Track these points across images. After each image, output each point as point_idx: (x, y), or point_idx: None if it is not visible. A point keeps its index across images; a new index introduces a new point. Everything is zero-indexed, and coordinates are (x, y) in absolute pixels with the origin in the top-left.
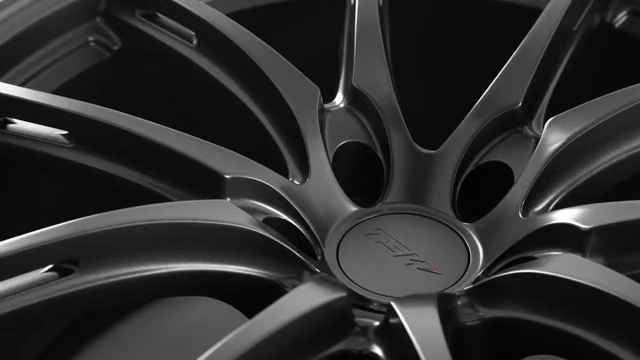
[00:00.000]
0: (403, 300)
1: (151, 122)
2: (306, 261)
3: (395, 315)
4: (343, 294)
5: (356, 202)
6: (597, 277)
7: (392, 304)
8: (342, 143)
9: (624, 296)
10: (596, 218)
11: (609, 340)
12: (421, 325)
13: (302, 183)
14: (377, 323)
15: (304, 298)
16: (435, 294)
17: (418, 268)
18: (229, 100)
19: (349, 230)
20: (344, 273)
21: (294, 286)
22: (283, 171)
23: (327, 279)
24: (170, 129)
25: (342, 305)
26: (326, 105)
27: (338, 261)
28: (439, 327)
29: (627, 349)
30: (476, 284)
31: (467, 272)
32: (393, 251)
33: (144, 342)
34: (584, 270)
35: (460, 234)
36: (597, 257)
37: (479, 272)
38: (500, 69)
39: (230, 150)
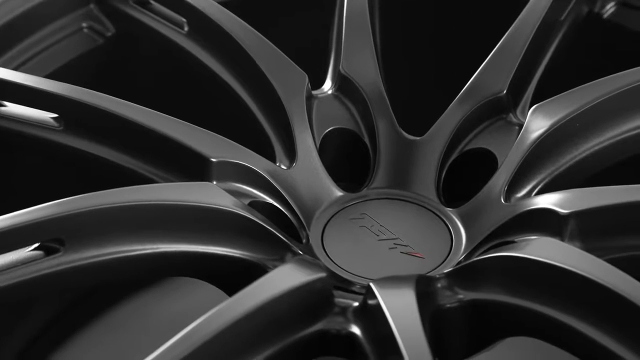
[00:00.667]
0: (381, 281)
1: (139, 105)
2: (289, 243)
3: (374, 296)
4: (323, 274)
5: (343, 188)
6: (572, 260)
7: (371, 284)
8: (329, 129)
9: (598, 278)
10: (574, 203)
11: (583, 322)
12: (398, 307)
13: (288, 168)
14: (356, 304)
15: (284, 278)
16: (414, 276)
17: (401, 252)
18: (219, 86)
19: (334, 215)
20: (328, 256)
21: (275, 267)
22: (271, 156)
23: (308, 260)
24: (158, 112)
25: (321, 286)
26: (314, 92)
27: (322, 244)
28: (415, 309)
29: (600, 329)
30: (456, 267)
31: (450, 256)
32: (377, 235)
33: (139, 327)
34: (560, 253)
35: (444, 219)
36: (575, 241)
37: (461, 256)
38: (486, 57)
39: (217, 135)
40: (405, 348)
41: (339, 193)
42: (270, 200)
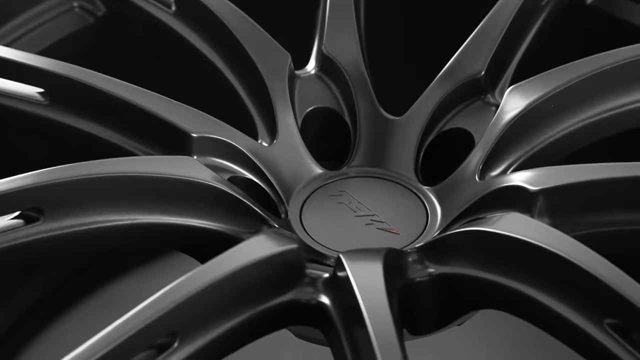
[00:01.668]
0: (351, 253)
1: (123, 81)
2: (266, 217)
3: (343, 267)
4: (294, 245)
5: (324, 166)
6: (538, 235)
7: (340, 255)
8: (311, 108)
9: (564, 253)
10: (544, 180)
11: (547, 295)
12: (365, 278)
13: (269, 145)
14: (326, 275)
15: (256, 248)
16: (383, 249)
17: (377, 228)
18: (205, 65)
19: (313, 191)
20: (305, 230)
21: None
22: (253, 134)
23: (281, 232)
24: (141, 88)
25: (293, 257)
26: (298, 72)
27: (301, 219)
28: (382, 281)
29: (563, 302)
30: (427, 241)
31: (425, 232)
32: (355, 212)
33: (132, 304)
34: (526, 228)
35: (421, 196)
36: (544, 217)
37: (435, 233)
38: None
39: (198, 111)
40: (369, 318)
41: (319, 170)
42: (250, 176)
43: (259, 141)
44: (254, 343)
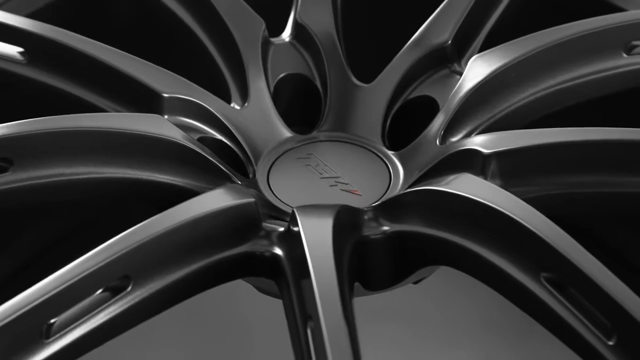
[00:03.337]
0: (305, 208)
1: (99, 42)
2: (231, 175)
3: (296, 221)
4: (251, 199)
5: (296, 131)
6: (485, 194)
7: (294, 210)
8: (283, 74)
9: (506, 210)
10: (496, 144)
11: (490, 251)
12: (314, 232)
13: (240, 108)
14: (281, 229)
15: (213, 200)
16: (337, 205)
17: (341, 189)
18: (184, 32)
19: (282, 154)
20: (271, 190)
21: None
22: (227, 98)
23: (239, 187)
24: (116, 49)
25: (249, 210)
26: (273, 39)
27: (268, 180)
28: (330, 236)
29: (505, 258)
30: (382, 201)
31: (386, 194)
32: (321, 174)
33: None
34: (475, 188)
35: (385, 160)
36: (496, 179)
37: (396, 194)
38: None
39: (171, 73)
40: (313, 271)
41: (288, 134)
42: (219, 137)
43: (232, 105)
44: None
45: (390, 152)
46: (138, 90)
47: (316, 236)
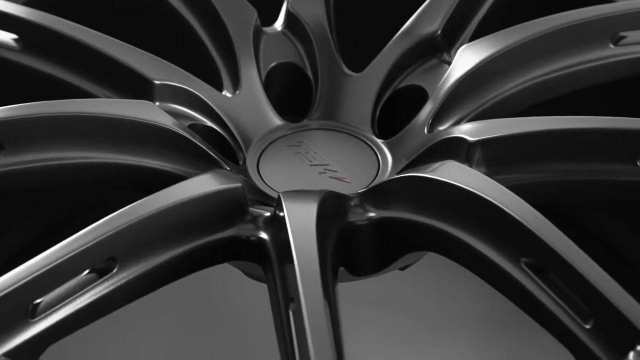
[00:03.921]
0: (291, 193)
1: (93, 30)
2: (220, 161)
3: (281, 206)
4: (238, 184)
5: (287, 119)
6: (468, 181)
7: (280, 195)
8: (275, 63)
9: (489, 197)
10: (482, 132)
11: (473, 236)
12: (299, 216)
13: (232, 96)
14: (267, 213)
15: (200, 184)
16: (322, 191)
17: (330, 176)
18: (178, 21)
19: (273, 141)
20: (260, 176)
21: None
22: (219, 87)
23: (227, 173)
24: (109, 37)
25: (235, 195)
26: (265, 29)
27: (258, 167)
28: (313, 221)
29: (487, 244)
30: (369, 187)
31: (374, 181)
32: (310, 161)
33: None
34: (459, 175)
35: (375, 148)
36: (482, 166)
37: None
38: None
39: (163, 60)
40: (296, 254)
41: (279, 122)
42: (210, 124)
43: (223, 92)
44: None
45: (379, 141)
46: (130, 77)
47: (300, 221)
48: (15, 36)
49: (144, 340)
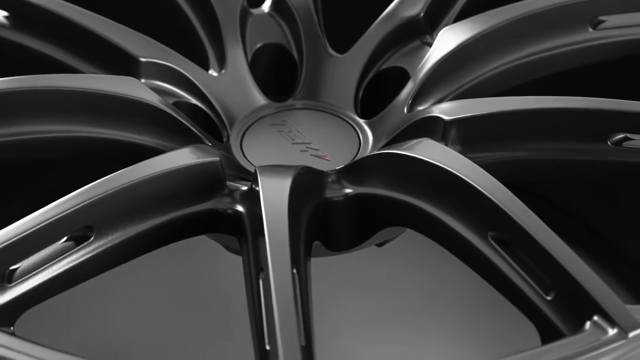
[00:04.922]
0: (267, 167)
1: (81, 8)
2: (202, 137)
3: (257, 179)
4: (216, 158)
5: (273, 99)
6: (440, 157)
7: (256, 169)
8: (261, 43)
9: (459, 172)
10: (457, 111)
11: (444, 212)
12: (272, 190)
13: (217, 75)
14: (245, 187)
15: (178, 157)
16: (298, 166)
17: (311, 154)
18: (168, 2)
19: (257, 120)
20: (243, 153)
21: None
22: (206, 66)
23: (207, 147)
24: (97, 15)
25: (213, 168)
26: (252, 10)
27: (241, 143)
28: (286, 195)
29: (457, 219)
30: (346, 164)
31: (354, 159)
32: (293, 139)
33: None
34: (432, 152)
35: (356, 128)
36: (456, 145)
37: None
38: None
39: (150, 38)
40: (267, 226)
41: (264, 101)
42: (195, 102)
43: (209, 72)
44: None
45: (361, 120)
46: (116, 55)
47: (274, 194)
48: (5, 13)
49: (119, 310)
